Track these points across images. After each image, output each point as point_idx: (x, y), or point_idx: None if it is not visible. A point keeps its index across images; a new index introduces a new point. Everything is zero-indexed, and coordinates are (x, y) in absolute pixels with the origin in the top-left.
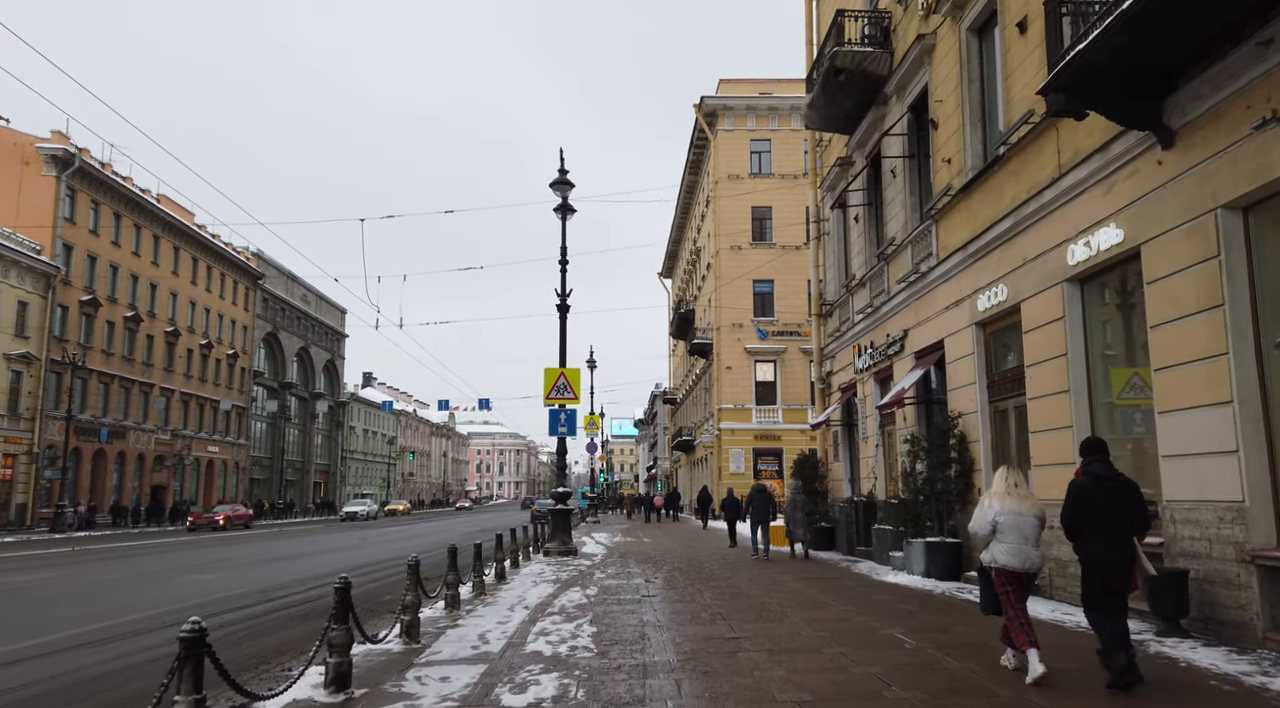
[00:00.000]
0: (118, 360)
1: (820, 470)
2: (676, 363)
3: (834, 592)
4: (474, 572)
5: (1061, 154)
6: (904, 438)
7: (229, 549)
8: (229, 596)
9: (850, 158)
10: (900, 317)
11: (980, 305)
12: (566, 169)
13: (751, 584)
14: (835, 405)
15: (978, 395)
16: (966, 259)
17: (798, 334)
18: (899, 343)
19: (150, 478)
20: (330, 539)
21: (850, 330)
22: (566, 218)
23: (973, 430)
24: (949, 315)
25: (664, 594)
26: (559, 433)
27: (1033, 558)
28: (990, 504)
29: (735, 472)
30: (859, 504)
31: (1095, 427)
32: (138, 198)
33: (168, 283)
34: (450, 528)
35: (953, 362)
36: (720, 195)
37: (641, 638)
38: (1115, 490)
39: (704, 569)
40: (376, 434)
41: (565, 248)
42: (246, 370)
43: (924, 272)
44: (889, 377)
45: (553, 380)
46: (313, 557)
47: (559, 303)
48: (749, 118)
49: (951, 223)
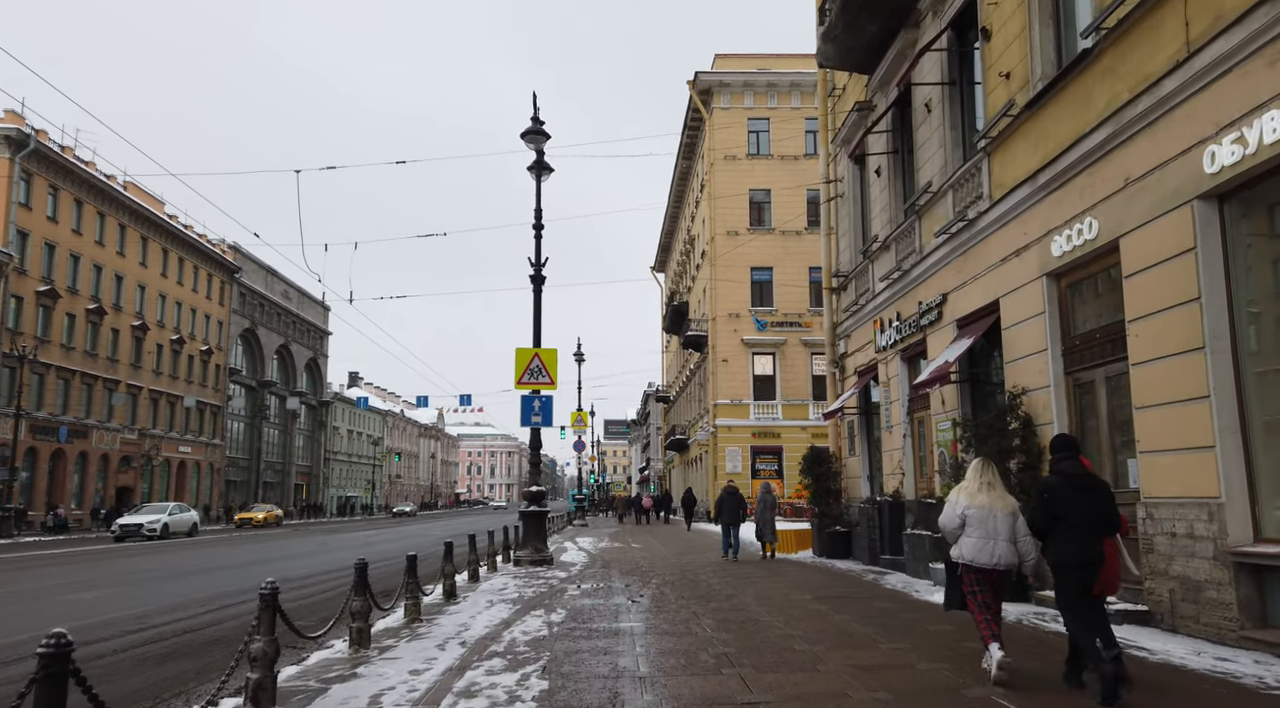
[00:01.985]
0: (79, 355)
1: (833, 467)
2: (669, 359)
3: (872, 619)
4: (403, 594)
5: (1191, 26)
6: (942, 425)
7: (155, 559)
8: (93, 623)
9: (870, 101)
10: (937, 279)
11: (1055, 250)
12: (541, 119)
13: (762, 606)
14: (851, 391)
15: (1049, 365)
16: (1034, 194)
17: (798, 325)
18: (935, 310)
19: (115, 480)
20: (284, 546)
21: (870, 303)
22: (542, 176)
23: (1042, 410)
24: (1007, 269)
25: (650, 622)
26: (533, 423)
27: (1001, 554)
28: (958, 499)
29: (733, 471)
30: (883, 505)
31: (1244, 396)
32: (101, 184)
33: (135, 274)
34: (426, 532)
35: (1011, 326)
36: (716, 178)
37: (613, 704)
38: (1087, 489)
39: (700, 584)
40: (361, 435)
41: (540, 211)
42: (222, 368)
43: (971, 219)
44: (920, 353)
45: (525, 363)
46: (245, 568)
47: (533, 273)
48: (746, 95)
49: (1011, 153)
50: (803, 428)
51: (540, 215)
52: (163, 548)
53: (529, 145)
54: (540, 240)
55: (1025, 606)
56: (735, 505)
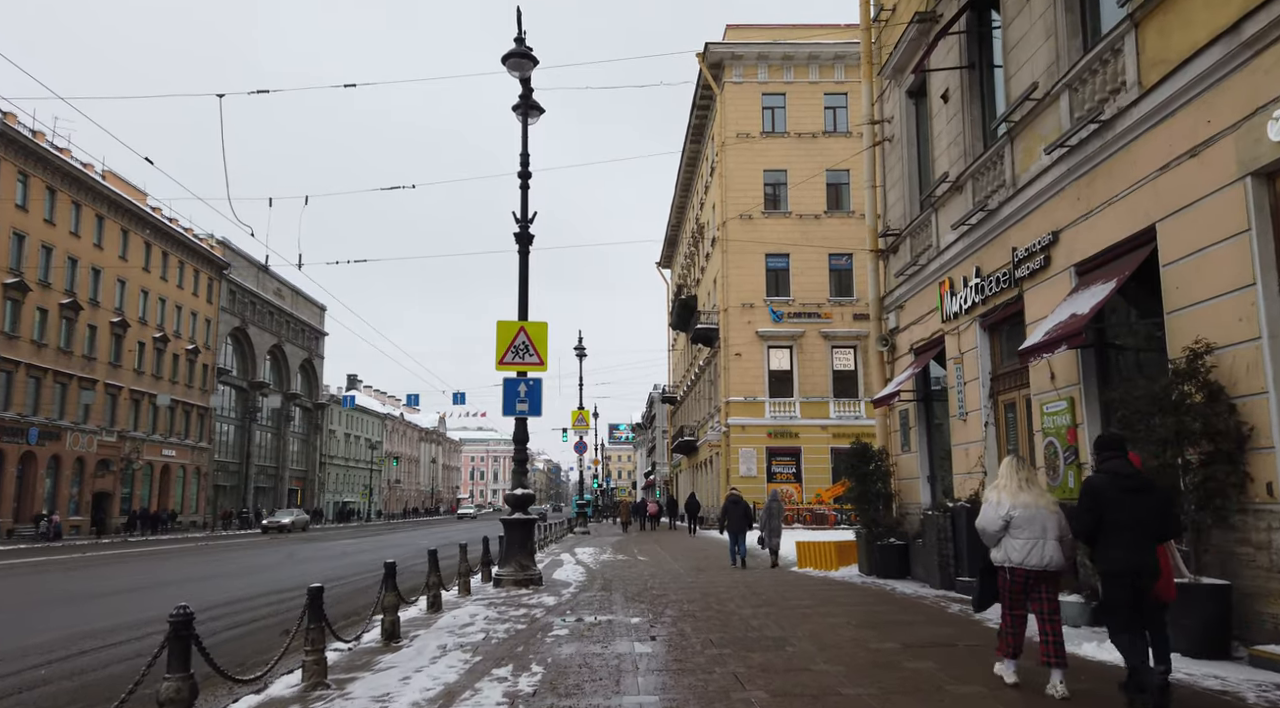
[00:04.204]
0: (51, 352)
1: (881, 466)
2: (676, 358)
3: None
4: (303, 644)
5: None
6: (1051, 406)
7: (68, 578)
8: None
9: (934, 10)
10: (1043, 212)
11: (1276, 133)
12: (527, 44)
13: (833, 662)
14: (909, 372)
15: (1260, 307)
16: (1229, 59)
17: (817, 316)
18: (1040, 255)
19: (92, 484)
20: (243, 559)
21: (932, 262)
22: (529, 116)
23: (1244, 375)
24: (1170, 180)
25: (671, 696)
26: (517, 412)
27: (1052, 555)
28: (999, 499)
29: (746, 474)
30: (959, 513)
31: None
32: (77, 172)
33: (114, 268)
34: (411, 541)
35: (1180, 260)
36: (728, 157)
37: None
38: (1139, 490)
39: (730, 616)
40: (359, 439)
41: (526, 155)
42: (210, 367)
43: (1107, 121)
44: (1012, 316)
45: (509, 338)
46: (167, 588)
47: (518, 230)
48: (760, 68)
49: (1180, 13)
50: (823, 427)
51: (527, 162)
52: (140, 556)
53: (512, 72)
54: (527, 192)
55: None
56: (740, 514)
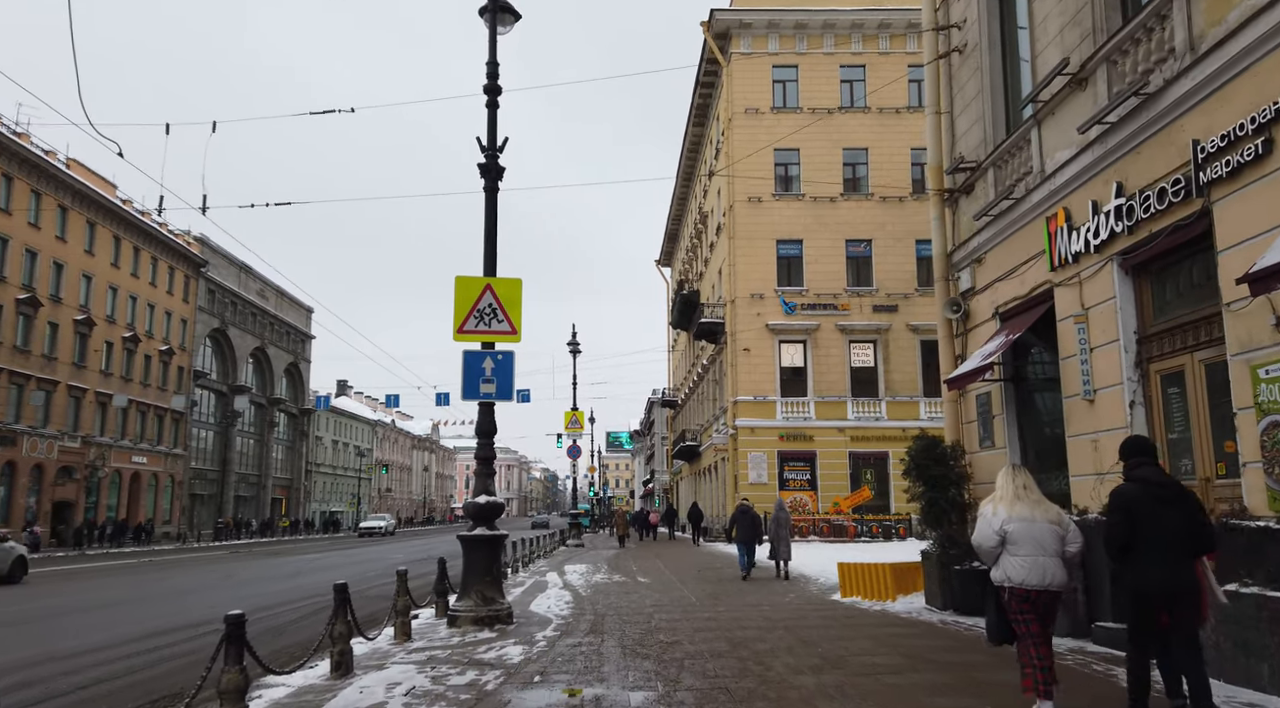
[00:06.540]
0: (6, 351)
1: (956, 467)
2: (677, 359)
3: None
4: None
5: None
6: (1270, 370)
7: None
8: None
9: None
10: (1252, 79)
11: None
12: None
13: None
14: (998, 339)
15: None
16: None
17: (834, 308)
18: (1250, 143)
19: (52, 493)
20: (176, 580)
21: (1035, 191)
22: (498, 18)
23: None
24: None
25: None
26: (482, 394)
27: (1053, 573)
28: (995, 511)
29: (757, 481)
30: (1087, 531)
31: None
32: (36, 159)
33: (78, 263)
34: (384, 556)
35: None
36: (735, 135)
37: None
38: (1172, 500)
39: (786, 690)
40: (348, 446)
41: (495, 63)
42: (186, 370)
43: None
44: (1181, 247)
45: (471, 298)
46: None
47: (483, 160)
48: (771, 38)
49: None
50: (840, 430)
51: (495, 73)
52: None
53: None
54: (495, 113)
55: None
56: (750, 524)
